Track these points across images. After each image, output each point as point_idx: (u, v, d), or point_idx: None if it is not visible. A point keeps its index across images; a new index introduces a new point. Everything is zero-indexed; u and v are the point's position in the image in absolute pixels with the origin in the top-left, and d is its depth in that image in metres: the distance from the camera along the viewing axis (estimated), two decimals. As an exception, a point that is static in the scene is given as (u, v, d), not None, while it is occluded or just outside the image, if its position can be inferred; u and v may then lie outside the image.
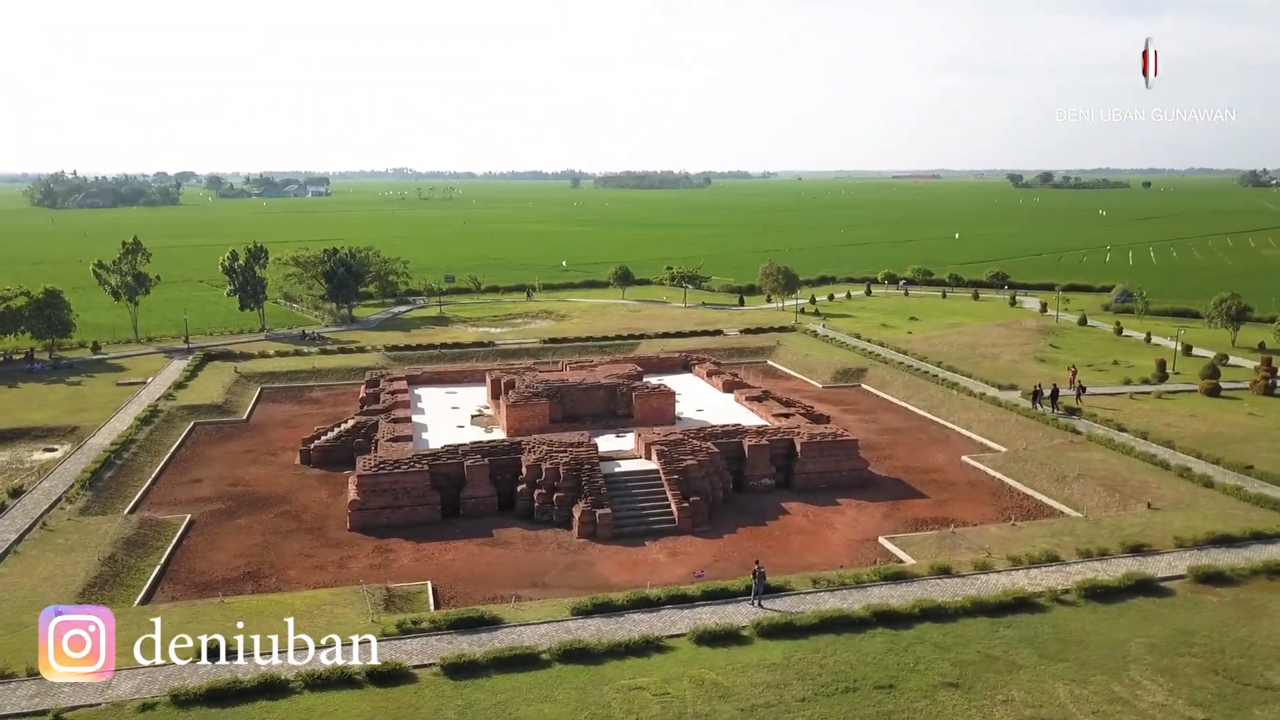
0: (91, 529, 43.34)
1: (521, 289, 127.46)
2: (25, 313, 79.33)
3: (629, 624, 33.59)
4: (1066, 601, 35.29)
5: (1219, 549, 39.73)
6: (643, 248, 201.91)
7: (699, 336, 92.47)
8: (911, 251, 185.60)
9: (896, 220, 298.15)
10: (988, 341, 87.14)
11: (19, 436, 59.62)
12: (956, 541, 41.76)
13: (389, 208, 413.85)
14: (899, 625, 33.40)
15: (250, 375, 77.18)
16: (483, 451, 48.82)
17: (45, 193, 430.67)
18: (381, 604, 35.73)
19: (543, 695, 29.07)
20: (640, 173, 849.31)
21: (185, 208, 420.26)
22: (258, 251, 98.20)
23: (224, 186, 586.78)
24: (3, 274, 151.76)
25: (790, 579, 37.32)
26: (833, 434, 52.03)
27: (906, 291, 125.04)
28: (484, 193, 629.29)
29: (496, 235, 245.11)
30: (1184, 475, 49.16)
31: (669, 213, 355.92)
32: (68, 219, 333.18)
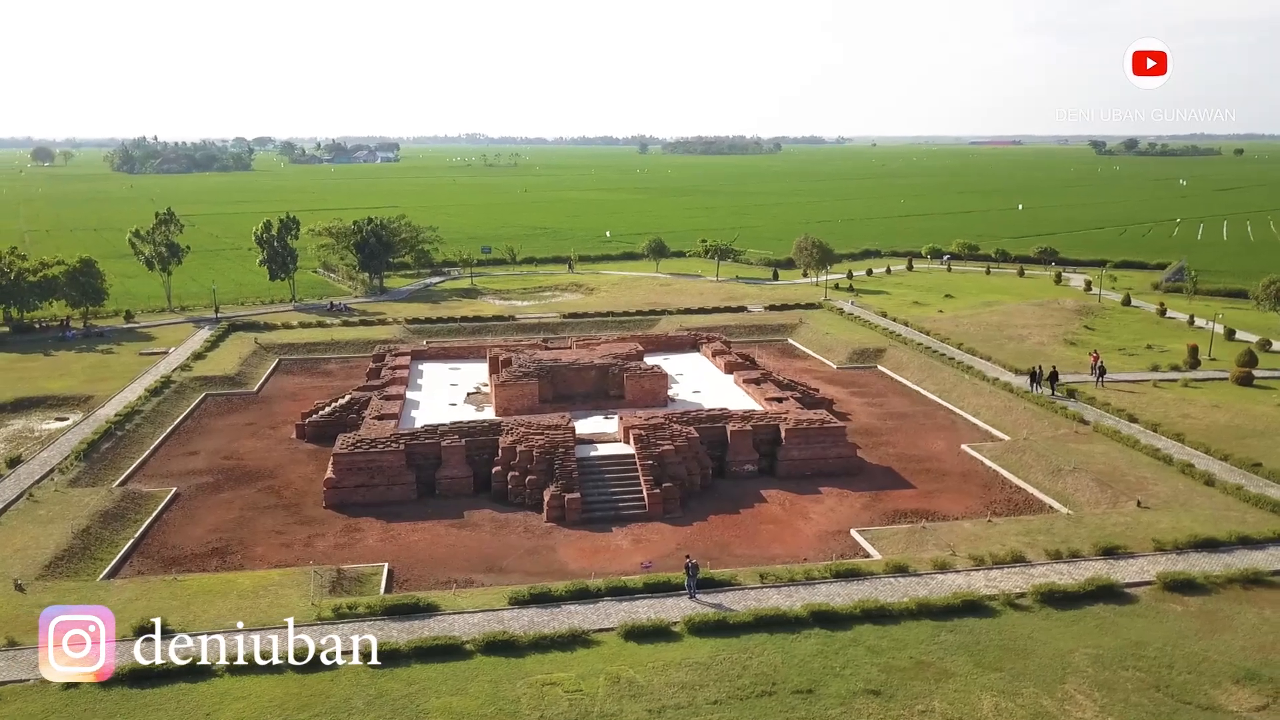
0: (75, 501, 44.58)
1: (559, 260, 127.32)
2: (61, 281, 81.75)
3: (563, 615, 33.39)
4: (1020, 606, 34.04)
5: (1200, 553, 37.93)
6: (692, 217, 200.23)
7: (722, 313, 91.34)
8: (970, 223, 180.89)
9: (961, 189, 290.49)
10: (1018, 322, 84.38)
11: (35, 405, 61.61)
12: (925, 537, 40.62)
13: (452, 174, 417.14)
14: (837, 626, 32.58)
15: (270, 346, 78.58)
16: (461, 432, 48.91)
17: (124, 158, 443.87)
18: (327, 586, 36.09)
19: (455, 688, 29.07)
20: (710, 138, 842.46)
21: (257, 174, 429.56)
22: (289, 222, 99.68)
23: (296, 152, 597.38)
24: (66, 240, 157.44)
25: (739, 573, 36.68)
26: (819, 420, 50.90)
27: (949, 267, 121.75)
28: (549, 159, 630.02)
29: (550, 203, 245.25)
30: (1186, 471, 47.02)
31: (729, 180, 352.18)
32: (143, 184, 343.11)
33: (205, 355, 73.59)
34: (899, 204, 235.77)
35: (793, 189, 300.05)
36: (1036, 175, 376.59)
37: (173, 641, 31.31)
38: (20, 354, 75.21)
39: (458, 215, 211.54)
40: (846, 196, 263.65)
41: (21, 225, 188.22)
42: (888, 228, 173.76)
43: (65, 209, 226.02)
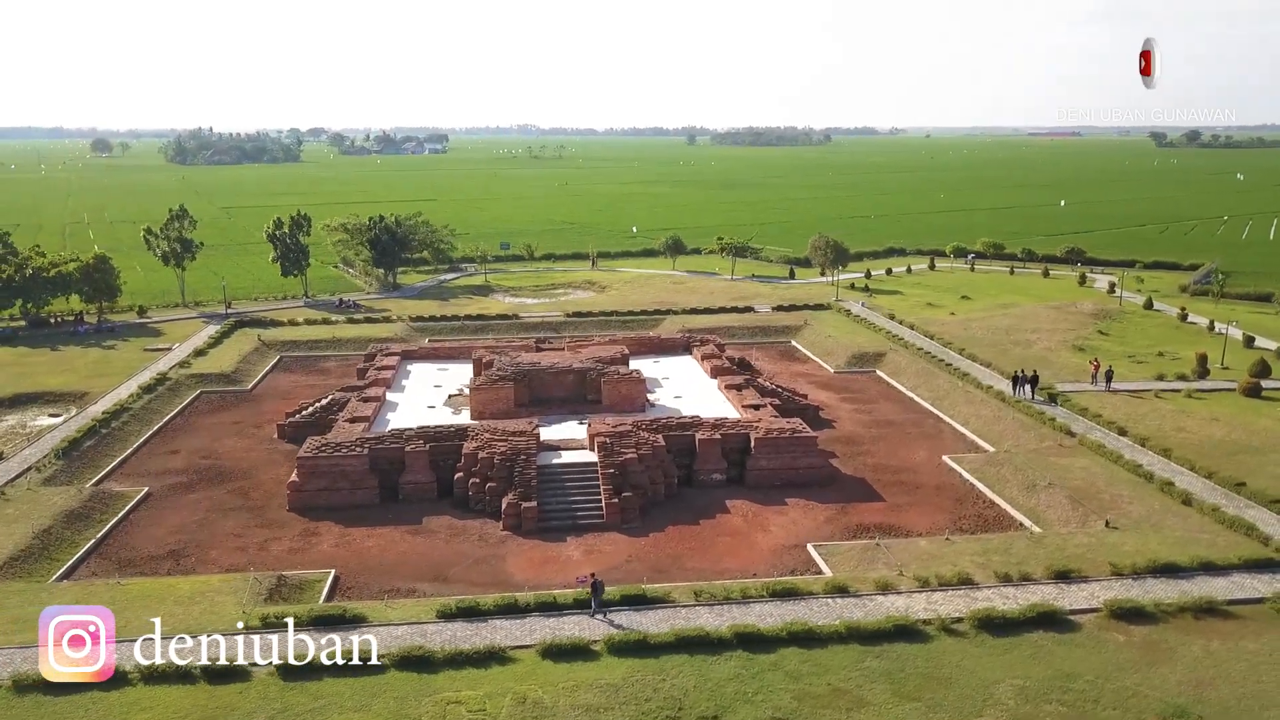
0: (43, 500, 45.43)
1: (578, 257, 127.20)
2: (75, 277, 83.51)
3: (486, 631, 33.22)
4: (955, 632, 33.14)
5: (1157, 579, 36.63)
6: (725, 211, 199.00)
7: (728, 313, 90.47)
8: (1008, 219, 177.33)
9: (1006, 184, 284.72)
10: (1029, 326, 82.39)
11: (31, 401, 63.00)
12: (879, 555, 39.76)
13: (495, 166, 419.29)
14: (760, 649, 31.98)
15: (272, 343, 79.53)
16: (426, 437, 48.96)
17: (177, 149, 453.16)
18: (264, 594, 36.33)
19: (360, 704, 29.04)
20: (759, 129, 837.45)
21: (304, 165, 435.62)
22: (301, 219, 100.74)
23: (346, 144, 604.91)
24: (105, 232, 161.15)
25: (674, 589, 36.22)
26: (790, 430, 50.09)
27: (972, 266, 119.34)
28: (595, 151, 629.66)
29: (587, 196, 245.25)
30: (1164, 490, 45.47)
31: (771, 173, 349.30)
32: (193, 176, 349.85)
33: (206, 352, 74.69)
34: (938, 199, 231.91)
35: (832, 182, 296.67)
36: (1088, 169, 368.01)
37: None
38: (30, 349, 77.06)
39: (491, 208, 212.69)
40: (886, 190, 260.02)
41: (67, 217, 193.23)
42: (922, 223, 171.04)
43: (112, 200, 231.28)
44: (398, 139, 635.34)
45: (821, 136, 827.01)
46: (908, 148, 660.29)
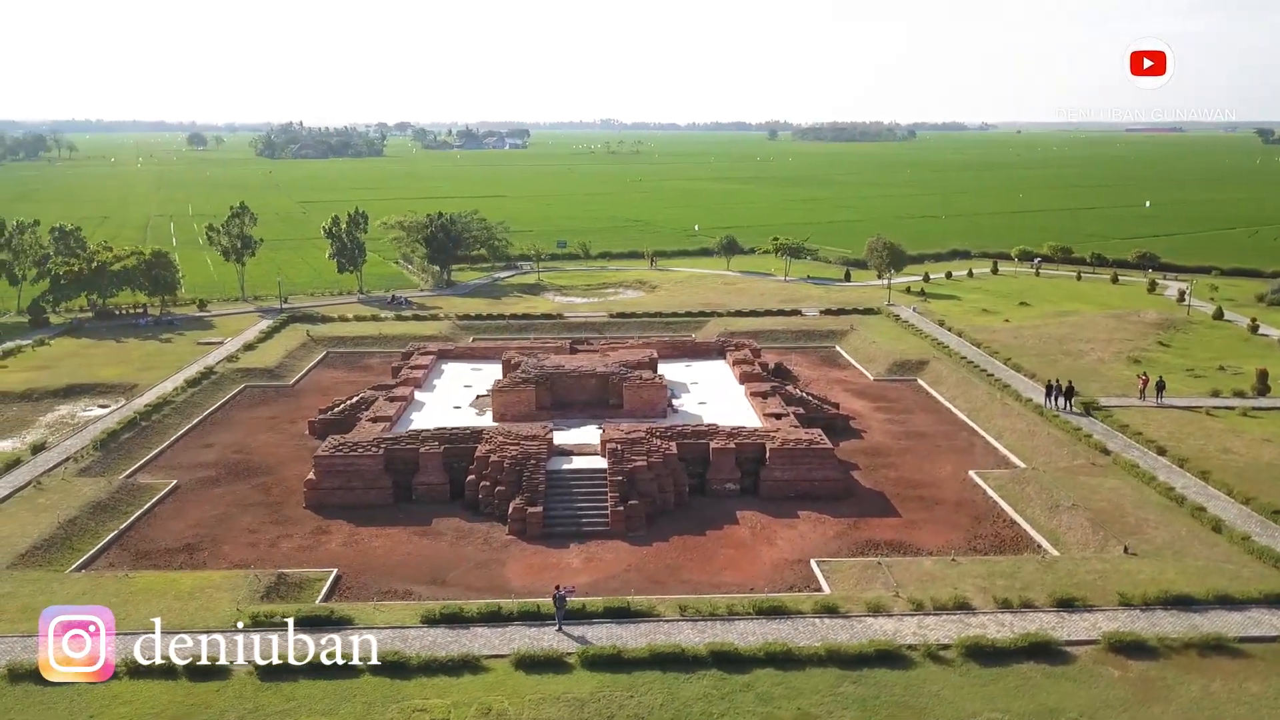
0: (75, 490, 47.24)
1: (634, 255, 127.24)
2: (137, 271, 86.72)
3: (466, 638, 33.45)
4: (941, 659, 32.18)
5: (1168, 611, 35.02)
6: (791, 210, 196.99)
7: (774, 316, 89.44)
8: (1088, 220, 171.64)
9: (1091, 182, 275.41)
10: (1085, 335, 79.56)
11: (84, 392, 65.57)
12: (879, 574, 38.83)
13: (571, 162, 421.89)
14: (736, 669, 31.53)
15: (320, 339, 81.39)
16: (441, 439, 49.48)
17: (266, 143, 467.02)
18: (261, 592, 37.17)
19: (328, 708, 29.51)
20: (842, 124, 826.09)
21: (386, 159, 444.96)
22: (358, 216, 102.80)
23: (429, 139, 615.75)
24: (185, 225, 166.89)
25: (660, 602, 35.94)
26: (807, 441, 49.25)
27: (1037, 271, 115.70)
28: (674, 146, 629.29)
29: (656, 193, 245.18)
30: (1195, 515, 43.46)
31: (848, 170, 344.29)
32: (279, 169, 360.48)
33: (256, 346, 76.80)
34: (1016, 199, 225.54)
35: (908, 180, 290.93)
36: (1184, 167, 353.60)
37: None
38: (93, 340, 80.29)
39: (557, 204, 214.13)
40: (961, 189, 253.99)
41: (153, 210, 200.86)
42: (995, 225, 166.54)
43: (196, 194, 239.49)
44: (479, 134, 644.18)
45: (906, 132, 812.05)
46: (995, 144, 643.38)
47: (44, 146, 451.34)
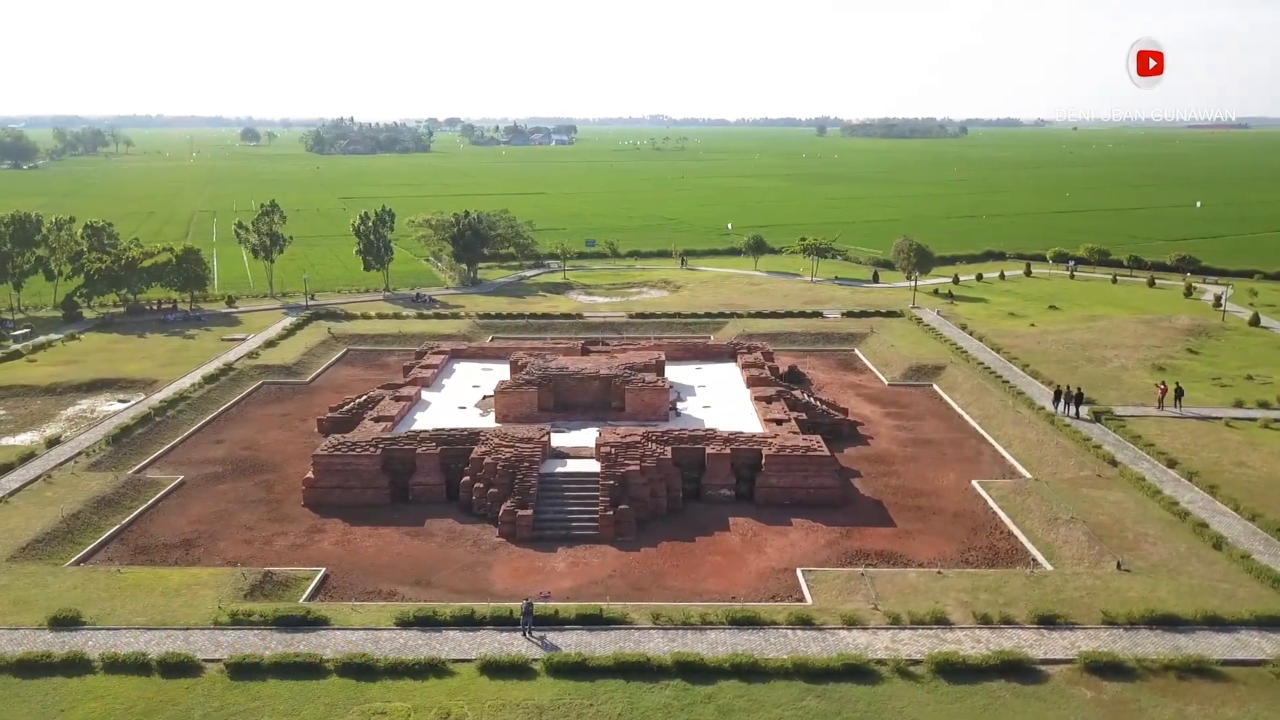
0: (82, 484, 48.39)
1: (662, 254, 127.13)
2: (168, 268, 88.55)
3: (437, 641, 33.70)
4: (910, 675, 31.74)
5: (1152, 631, 34.19)
6: (828, 208, 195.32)
7: (795, 318, 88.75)
8: (1134, 221, 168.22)
9: (1142, 181, 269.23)
10: (1111, 341, 77.81)
11: (106, 387, 67.06)
12: (861, 585, 38.38)
13: (614, 158, 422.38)
14: (700, 679, 31.41)
15: (341, 336, 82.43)
16: (439, 440, 49.87)
17: (316, 139, 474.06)
18: (246, 590, 37.76)
19: (290, 709, 29.91)
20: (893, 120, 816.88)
21: (432, 155, 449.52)
22: (385, 214, 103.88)
23: (476, 135, 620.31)
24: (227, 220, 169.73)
25: (634, 610, 35.89)
26: (803, 448, 48.81)
27: (1072, 273, 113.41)
28: (720, 142, 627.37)
29: (695, 190, 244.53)
30: (1197, 530, 42.36)
31: (893, 167, 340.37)
32: (327, 165, 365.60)
33: (277, 343, 77.99)
34: (1063, 198, 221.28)
35: (953, 178, 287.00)
36: (1244, 165, 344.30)
37: (78, 634, 33.76)
38: (120, 335, 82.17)
39: (594, 202, 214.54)
40: (1007, 188, 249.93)
41: (199, 204, 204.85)
42: (1037, 224, 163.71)
43: (243, 189, 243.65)
44: (527, 130, 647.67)
45: (958, 128, 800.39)
46: (1049, 141, 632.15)
47: (102, 141, 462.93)
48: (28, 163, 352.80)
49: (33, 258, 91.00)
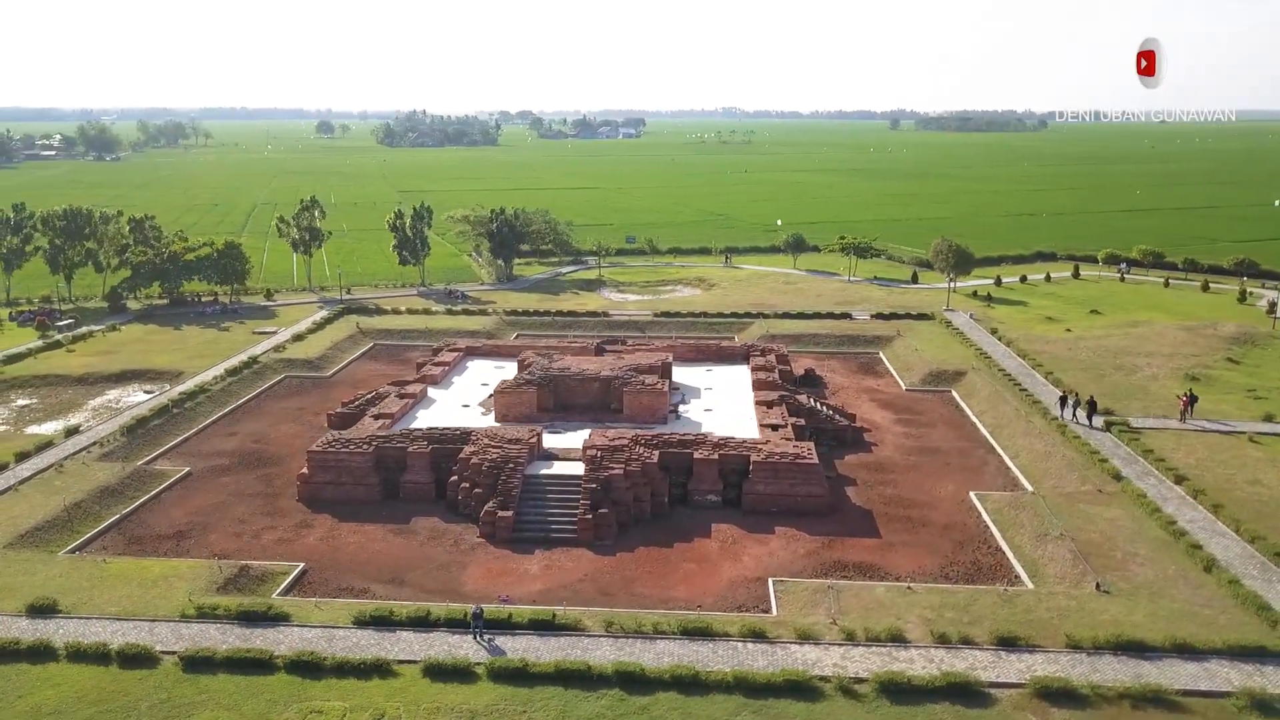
0: (90, 474, 50.15)
1: (703, 252, 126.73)
2: (208, 262, 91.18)
3: (389, 641, 34.22)
4: (853, 693, 31.24)
5: (1116, 657, 33.11)
6: (885, 205, 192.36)
7: (821, 319, 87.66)
8: (1203, 221, 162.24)
9: (1221, 178, 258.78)
10: (1147, 349, 75.22)
11: (135, 378, 69.35)
12: (825, 598, 37.85)
13: (679, 152, 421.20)
14: (639, 690, 31.35)
15: (369, 331, 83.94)
16: (430, 439, 50.52)
17: (386, 132, 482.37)
18: (220, 583, 38.79)
19: (232, 703, 30.66)
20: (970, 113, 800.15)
21: (498, 149, 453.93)
22: (422, 210, 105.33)
23: (544, 128, 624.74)
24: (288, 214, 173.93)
25: (587, 616, 35.95)
26: (792, 455, 48.26)
27: (1122, 276, 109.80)
28: (788, 135, 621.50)
29: (752, 185, 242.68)
30: (1190, 552, 40.82)
31: (963, 162, 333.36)
32: (394, 158, 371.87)
33: (305, 337, 79.71)
34: (1132, 195, 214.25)
35: (1021, 174, 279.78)
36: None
37: (51, 622, 35.10)
38: (158, 326, 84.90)
39: (646, 197, 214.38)
40: (1073, 185, 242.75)
41: (262, 197, 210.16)
42: (1098, 224, 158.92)
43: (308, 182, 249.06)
44: (595, 123, 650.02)
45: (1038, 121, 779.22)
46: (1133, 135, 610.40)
47: (183, 134, 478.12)
48: (110, 155, 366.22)
49: (83, 250, 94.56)
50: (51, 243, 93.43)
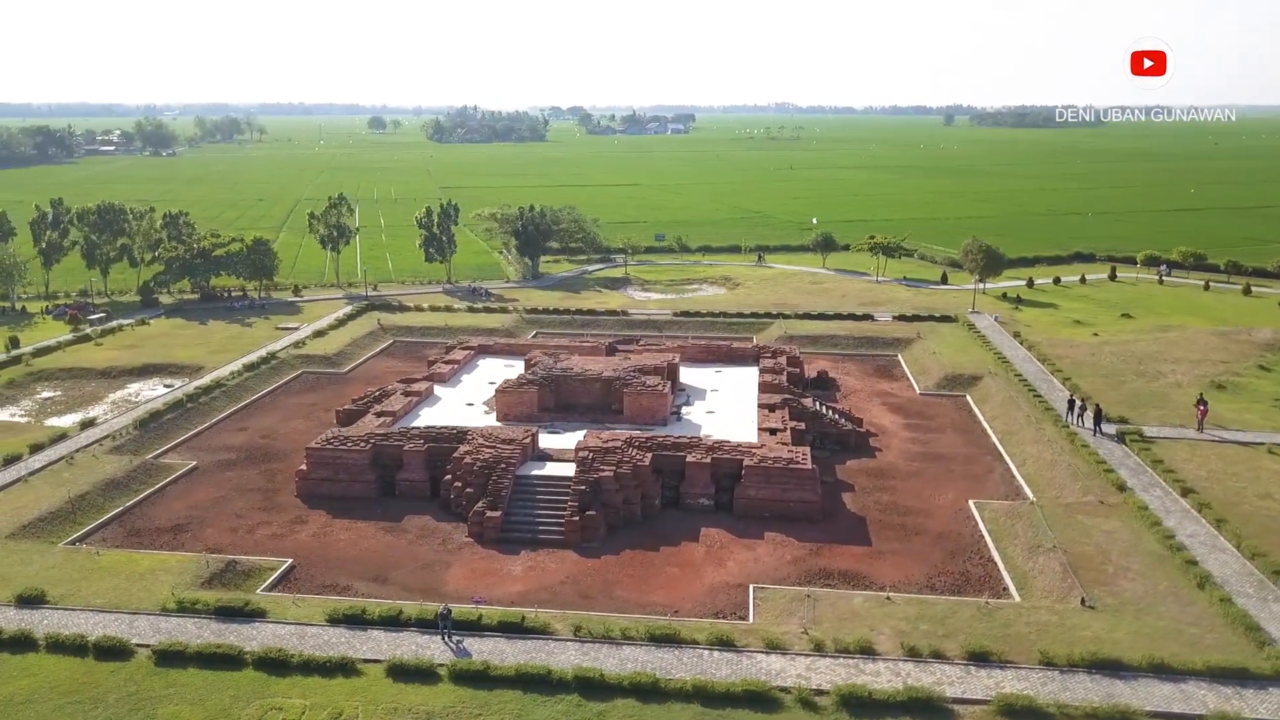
0: (99, 467, 51.37)
1: (733, 250, 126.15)
2: (237, 258, 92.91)
3: (358, 640, 34.58)
4: (813, 705, 30.90)
5: (1089, 676, 32.33)
6: (925, 203, 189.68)
7: (842, 320, 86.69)
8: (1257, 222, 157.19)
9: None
10: (1175, 355, 73.25)
11: (156, 372, 70.89)
12: (801, 607, 37.49)
13: (725, 148, 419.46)
14: (597, 696, 31.33)
15: (389, 328, 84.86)
16: (427, 438, 50.92)
17: (436, 128, 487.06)
18: (206, 578, 39.51)
19: (197, 698, 31.21)
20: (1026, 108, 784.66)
21: (547, 145, 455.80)
22: (449, 208, 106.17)
23: (592, 124, 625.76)
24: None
25: (556, 619, 35.98)
26: (785, 460, 47.82)
27: (1160, 278, 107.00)
28: (838, 131, 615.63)
29: (794, 182, 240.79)
30: (1185, 568, 39.71)
31: (1014, 159, 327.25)
32: (441, 153, 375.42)
33: (326, 333, 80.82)
34: (1186, 194, 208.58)
35: (1070, 172, 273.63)
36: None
37: (37, 612, 36.05)
38: (185, 321, 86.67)
39: (684, 194, 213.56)
40: (1124, 183, 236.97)
41: (306, 192, 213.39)
42: (1144, 223, 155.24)
43: (351, 178, 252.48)
44: (643, 119, 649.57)
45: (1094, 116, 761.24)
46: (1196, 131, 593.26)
47: (238, 129, 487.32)
48: (166, 150, 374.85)
49: (117, 245, 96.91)
50: (87, 238, 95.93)
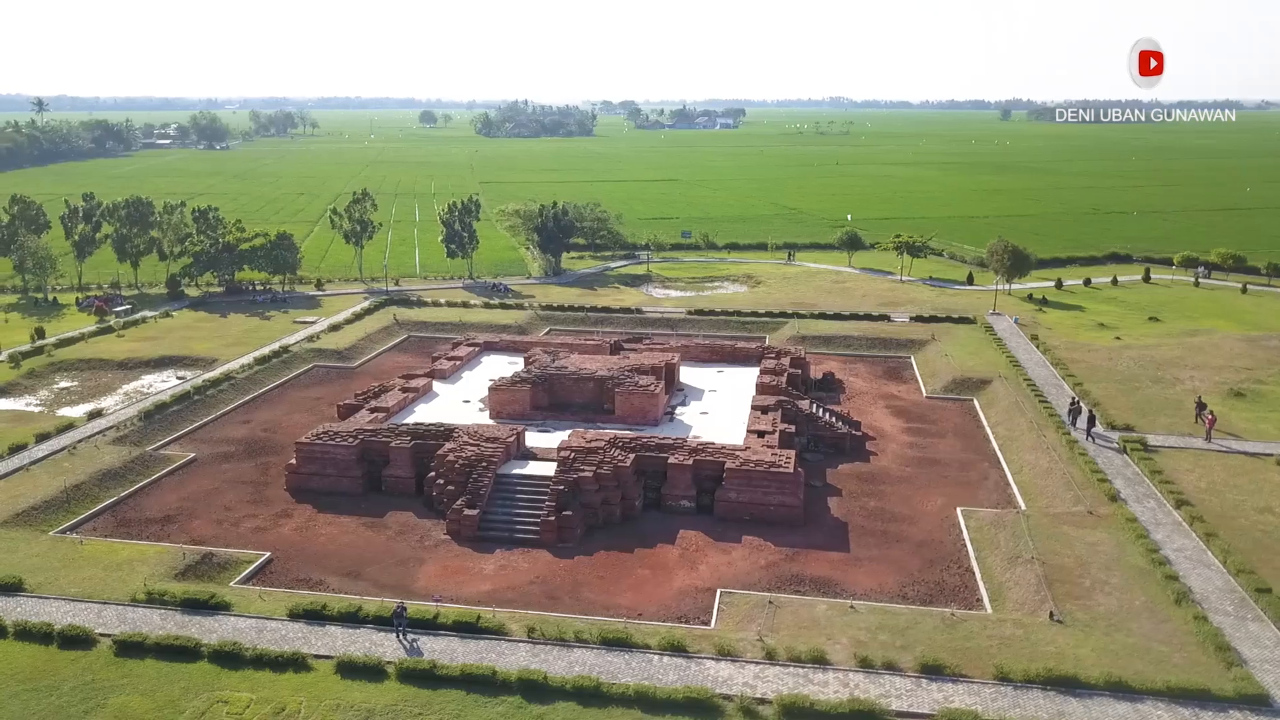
0: (98, 457, 52.60)
1: (760, 247, 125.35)
2: (260, 252, 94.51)
3: (315, 636, 34.98)
4: (754, 715, 30.63)
5: (1043, 692, 31.60)
6: (966, 200, 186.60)
7: (857, 320, 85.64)
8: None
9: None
10: (1196, 360, 71.22)
11: (171, 364, 72.39)
12: (761, 614, 37.14)
13: (773, 143, 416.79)
14: (539, 698, 31.35)
15: (404, 323, 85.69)
16: (413, 434, 51.33)
17: (484, 122, 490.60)
18: (180, 569, 40.28)
19: (148, 689, 31.82)
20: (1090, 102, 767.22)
21: (594, 140, 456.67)
22: (471, 204, 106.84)
23: (641, 118, 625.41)
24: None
25: (511, 619, 36.07)
26: (766, 464, 47.39)
27: (1197, 281, 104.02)
28: (892, 126, 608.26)
29: (835, 178, 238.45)
30: (1165, 582, 38.61)
31: (1068, 156, 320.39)
32: (488, 148, 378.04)
33: (341, 327, 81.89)
34: (1242, 192, 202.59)
35: (1127, 168, 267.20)
36: None
37: (12, 600, 37.05)
38: (207, 314, 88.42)
39: (723, 190, 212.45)
40: (1179, 181, 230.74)
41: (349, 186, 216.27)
42: (1192, 223, 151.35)
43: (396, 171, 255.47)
44: (693, 113, 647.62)
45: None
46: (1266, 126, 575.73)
47: (292, 124, 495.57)
48: (220, 143, 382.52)
49: (147, 239, 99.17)
50: (117, 231, 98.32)
